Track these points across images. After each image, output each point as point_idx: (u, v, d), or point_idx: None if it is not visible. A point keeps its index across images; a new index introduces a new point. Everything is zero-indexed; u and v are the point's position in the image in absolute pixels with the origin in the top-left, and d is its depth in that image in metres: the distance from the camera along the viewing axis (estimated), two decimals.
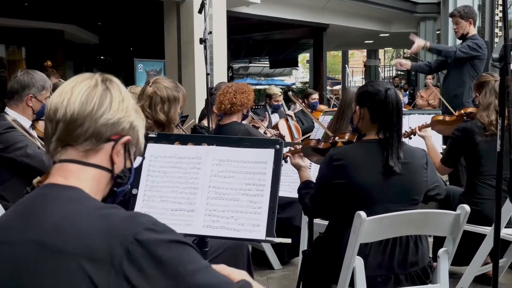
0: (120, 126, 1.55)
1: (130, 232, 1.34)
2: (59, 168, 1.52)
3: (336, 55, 39.58)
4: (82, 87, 1.53)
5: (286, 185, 4.04)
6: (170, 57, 11.06)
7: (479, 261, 4.05)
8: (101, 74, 1.60)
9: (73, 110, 1.49)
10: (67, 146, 1.52)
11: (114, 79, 1.61)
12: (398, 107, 2.97)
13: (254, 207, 2.43)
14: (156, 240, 1.34)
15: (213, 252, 2.95)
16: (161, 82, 3.45)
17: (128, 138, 1.58)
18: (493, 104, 4.07)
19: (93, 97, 1.51)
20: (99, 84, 1.55)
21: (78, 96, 1.50)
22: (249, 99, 5.01)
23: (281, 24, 16.63)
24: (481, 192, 4.17)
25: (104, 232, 1.34)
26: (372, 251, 2.88)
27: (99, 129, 1.51)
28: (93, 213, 1.41)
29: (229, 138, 2.70)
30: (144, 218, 1.40)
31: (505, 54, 2.21)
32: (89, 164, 1.53)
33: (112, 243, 1.32)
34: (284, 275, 4.85)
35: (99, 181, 1.55)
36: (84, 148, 1.51)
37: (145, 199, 2.54)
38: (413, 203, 2.97)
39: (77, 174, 1.51)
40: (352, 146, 3.08)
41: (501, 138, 2.25)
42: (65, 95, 1.51)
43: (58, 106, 1.51)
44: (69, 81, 1.57)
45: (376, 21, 19.10)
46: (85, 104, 1.50)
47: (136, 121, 1.61)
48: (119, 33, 18.44)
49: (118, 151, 1.57)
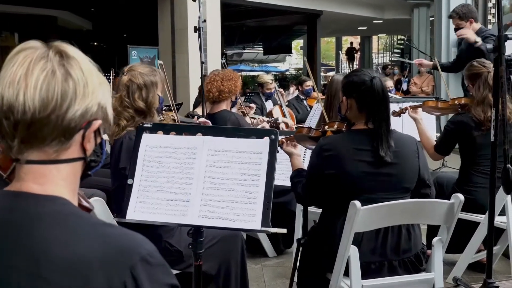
0: (89, 113, 1.32)
1: (127, 262, 1.23)
2: (29, 172, 1.31)
3: (329, 42, 39.48)
4: (38, 74, 1.26)
5: (281, 174, 4.06)
6: (164, 44, 11.04)
7: (473, 249, 4.09)
8: (54, 47, 1.33)
9: (34, 109, 1.24)
10: (33, 148, 1.30)
11: (70, 52, 1.34)
12: (384, 96, 2.97)
13: (249, 197, 2.44)
14: (150, 278, 1.24)
15: (207, 242, 2.96)
16: (136, 69, 3.40)
17: (99, 122, 1.36)
18: (487, 99, 4.01)
19: (54, 88, 1.26)
20: (57, 67, 1.28)
21: (36, 90, 1.25)
22: (236, 86, 5.06)
23: (274, 11, 16.58)
24: (476, 181, 4.19)
25: (102, 260, 1.21)
26: (365, 237, 2.90)
27: (67, 125, 1.29)
28: (87, 235, 1.26)
29: (224, 129, 2.70)
30: (141, 245, 1.28)
31: (499, 44, 2.22)
32: (61, 161, 1.33)
33: (110, 274, 1.21)
34: (279, 263, 4.87)
35: (74, 174, 1.37)
36: (53, 149, 1.30)
37: (140, 189, 2.54)
38: (405, 191, 2.99)
39: (52, 177, 1.31)
40: (342, 136, 3.08)
41: (495, 128, 2.26)
42: (19, 86, 1.25)
43: (12, 101, 1.24)
44: (17, 61, 1.28)
45: (370, 8, 19.07)
46: (46, 99, 1.25)
47: (103, 99, 1.37)
48: (113, 19, 18.34)
49: (89, 139, 1.36)
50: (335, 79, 4.32)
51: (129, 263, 1.22)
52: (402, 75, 17.47)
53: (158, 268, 1.27)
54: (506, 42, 2.20)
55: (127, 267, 1.22)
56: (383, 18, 20.17)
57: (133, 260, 1.23)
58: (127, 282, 1.21)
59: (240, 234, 3.37)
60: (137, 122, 3.22)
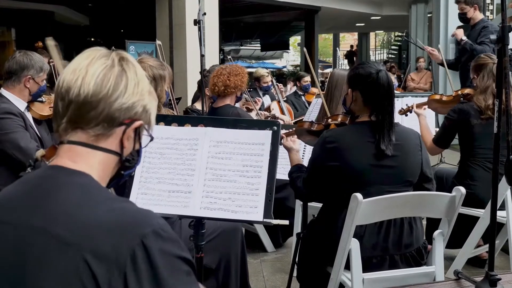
0: (134, 110, 1.48)
1: (138, 232, 1.29)
2: (68, 150, 1.45)
3: (327, 38, 39.49)
4: (98, 66, 1.45)
5: (280, 168, 4.04)
6: (162, 39, 10.97)
7: (473, 244, 4.09)
8: (117, 52, 1.53)
9: (87, 92, 1.42)
10: (77, 129, 1.45)
11: (130, 58, 1.53)
12: (390, 89, 2.97)
13: (251, 188, 2.43)
14: (161, 250, 1.30)
15: (208, 235, 2.95)
16: (146, 62, 3.41)
17: (140, 122, 1.51)
18: (490, 88, 4.08)
19: (109, 79, 1.44)
20: (116, 64, 1.47)
21: (94, 77, 1.43)
22: (243, 81, 4.98)
23: (272, 6, 16.57)
24: (474, 174, 4.20)
25: (113, 227, 1.30)
26: (367, 232, 2.89)
27: (112, 114, 1.45)
28: (104, 204, 1.36)
29: (226, 120, 2.69)
30: (154, 219, 1.35)
31: (503, 35, 2.21)
32: (99, 148, 1.47)
33: (119, 241, 1.28)
34: (278, 258, 4.88)
35: (107, 165, 1.50)
36: (95, 132, 1.45)
37: (142, 181, 2.53)
38: (407, 185, 2.98)
39: (86, 158, 1.45)
40: (345, 129, 3.08)
41: (498, 120, 2.25)
42: (80, 73, 1.43)
43: (71, 84, 1.43)
44: (83, 56, 1.49)
45: (368, 4, 19.07)
46: (100, 86, 1.43)
47: (149, 104, 1.54)
48: (110, 14, 18.28)
49: (129, 136, 1.51)
50: (336, 72, 4.32)
51: (141, 233, 1.29)
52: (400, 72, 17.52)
53: (170, 242, 1.33)
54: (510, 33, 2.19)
55: (138, 236, 1.28)
56: (381, 14, 20.17)
57: (145, 231, 1.29)
58: (136, 251, 1.27)
59: (240, 228, 3.37)
60: None
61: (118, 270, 1.26)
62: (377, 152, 2.89)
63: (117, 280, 1.25)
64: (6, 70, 3.84)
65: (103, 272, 1.25)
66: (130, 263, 1.26)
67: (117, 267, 1.26)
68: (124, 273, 1.26)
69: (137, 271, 1.27)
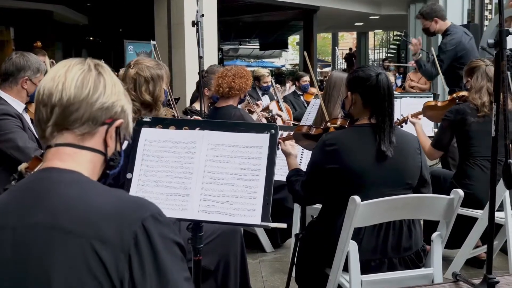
0: (113, 110, 1.58)
1: (139, 216, 1.38)
2: (56, 152, 1.53)
3: (326, 37, 39.45)
4: (76, 71, 1.54)
5: (279, 169, 4.04)
6: (161, 39, 10.99)
7: (471, 244, 4.09)
8: (91, 59, 1.62)
9: (69, 95, 1.50)
10: (63, 130, 1.53)
11: (103, 64, 1.63)
12: (389, 92, 2.97)
13: (249, 192, 2.43)
14: (160, 233, 1.39)
15: (207, 237, 2.95)
16: (143, 62, 3.41)
17: (121, 121, 1.61)
18: (485, 87, 4.15)
19: (88, 81, 1.53)
20: (92, 69, 1.57)
21: (73, 81, 1.52)
22: (247, 84, 4.94)
23: (271, 6, 16.52)
24: (472, 174, 4.21)
25: (114, 214, 1.38)
26: (365, 235, 2.90)
27: (95, 113, 1.54)
28: (101, 195, 1.45)
29: (224, 123, 2.68)
30: (151, 205, 1.44)
31: (500, 39, 2.21)
32: (85, 147, 1.55)
33: (122, 226, 1.36)
34: (277, 258, 4.88)
35: (94, 164, 1.58)
36: (81, 132, 1.53)
37: (139, 184, 2.52)
38: (407, 187, 2.99)
39: (74, 157, 1.53)
40: (345, 131, 3.08)
41: (496, 123, 2.25)
42: (59, 79, 1.52)
43: (52, 90, 1.51)
44: (60, 65, 1.58)
45: (366, 3, 19.04)
46: (81, 89, 1.52)
47: (126, 105, 1.64)
48: (109, 14, 18.25)
49: (111, 135, 1.60)
50: (334, 74, 4.34)
51: (141, 217, 1.38)
52: (398, 72, 17.51)
53: (166, 226, 1.42)
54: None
55: (139, 219, 1.37)
56: (380, 13, 20.14)
57: (145, 214, 1.39)
58: (138, 233, 1.36)
59: (239, 230, 3.36)
60: (143, 115, 3.21)
61: (124, 253, 1.34)
62: (377, 154, 2.90)
63: (123, 265, 1.34)
64: (3, 71, 3.84)
65: (111, 258, 1.33)
66: (133, 247, 1.35)
67: (122, 250, 1.34)
68: (129, 255, 1.34)
69: (140, 255, 1.35)
